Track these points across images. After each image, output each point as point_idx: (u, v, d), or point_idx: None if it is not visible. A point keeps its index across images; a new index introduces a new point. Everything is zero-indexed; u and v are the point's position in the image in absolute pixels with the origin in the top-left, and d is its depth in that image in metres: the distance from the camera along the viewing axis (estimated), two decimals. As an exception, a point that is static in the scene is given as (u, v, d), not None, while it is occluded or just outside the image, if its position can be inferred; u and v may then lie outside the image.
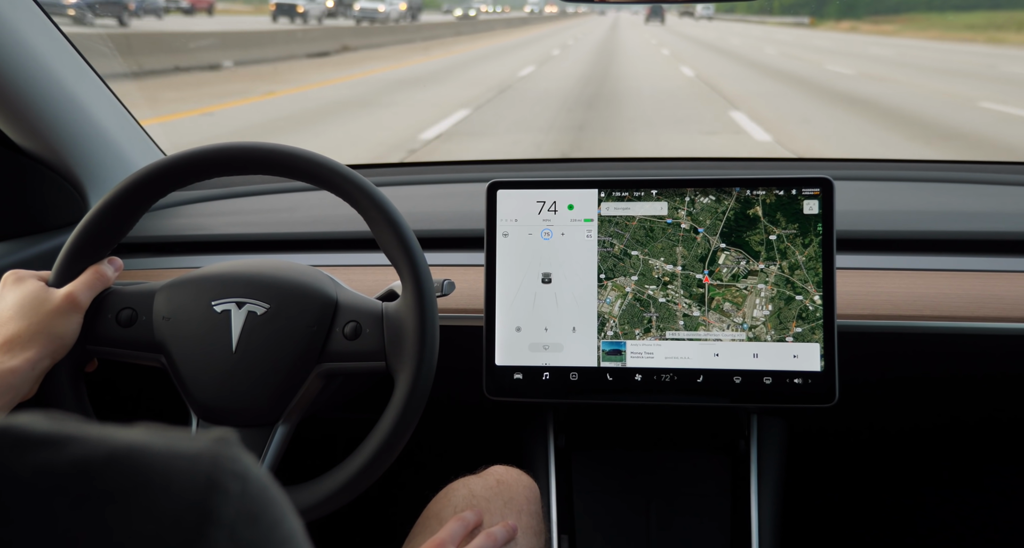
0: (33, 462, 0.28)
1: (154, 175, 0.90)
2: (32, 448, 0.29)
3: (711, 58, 18.85)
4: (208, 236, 1.31)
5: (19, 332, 0.82)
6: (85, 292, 0.88)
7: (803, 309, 1.01)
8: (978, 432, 1.42)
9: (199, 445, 0.31)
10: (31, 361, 0.82)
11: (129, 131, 1.35)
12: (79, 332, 0.88)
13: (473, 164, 1.56)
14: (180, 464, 0.30)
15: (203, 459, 0.30)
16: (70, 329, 0.86)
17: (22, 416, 0.30)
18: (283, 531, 0.31)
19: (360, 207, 0.89)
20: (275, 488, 0.33)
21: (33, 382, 0.83)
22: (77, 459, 0.29)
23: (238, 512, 0.30)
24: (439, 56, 18.33)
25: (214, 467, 0.30)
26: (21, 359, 0.81)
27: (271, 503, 0.32)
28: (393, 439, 0.86)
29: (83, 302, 0.87)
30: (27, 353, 0.82)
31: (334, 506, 0.87)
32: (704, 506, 1.23)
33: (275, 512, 0.31)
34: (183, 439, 0.31)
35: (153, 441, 0.30)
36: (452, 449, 1.37)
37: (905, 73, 14.06)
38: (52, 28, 1.20)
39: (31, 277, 0.88)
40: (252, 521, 0.30)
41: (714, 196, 1.03)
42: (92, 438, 0.30)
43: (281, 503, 0.32)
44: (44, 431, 0.29)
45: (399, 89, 11.68)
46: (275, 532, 0.31)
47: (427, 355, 0.86)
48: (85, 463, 0.29)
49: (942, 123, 8.67)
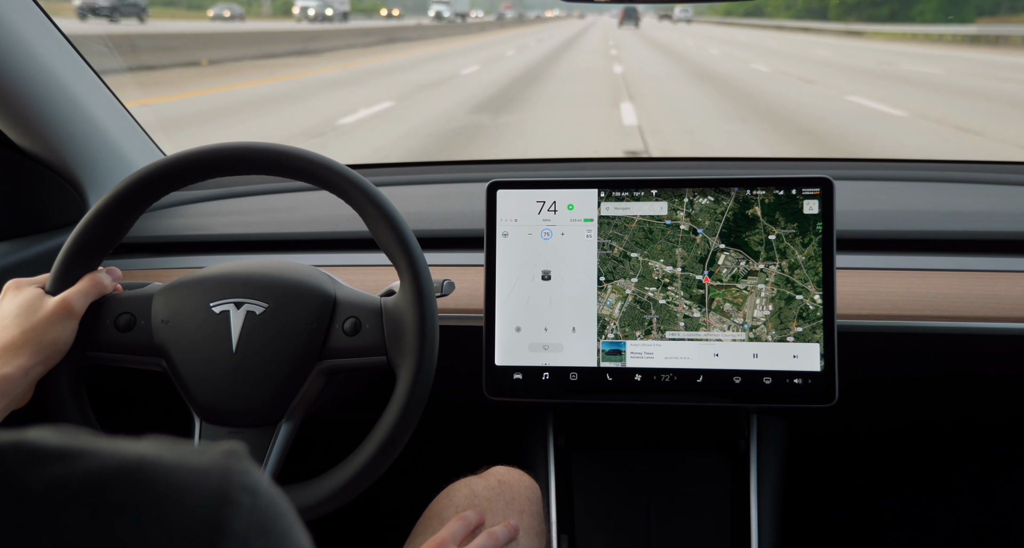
0: (47, 476, 0.28)
1: (151, 177, 0.90)
2: (45, 462, 0.29)
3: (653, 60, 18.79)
4: (208, 236, 1.31)
5: (13, 339, 0.82)
6: (80, 299, 0.88)
7: (803, 309, 1.01)
8: (978, 432, 1.42)
9: (210, 458, 0.31)
10: (24, 368, 0.82)
11: (128, 131, 1.35)
12: (74, 338, 0.87)
13: (473, 164, 1.56)
14: (192, 477, 0.30)
15: (214, 472, 0.31)
16: (64, 335, 0.86)
17: (34, 430, 0.31)
18: (292, 544, 0.32)
19: (355, 203, 0.89)
20: (284, 501, 0.33)
21: (27, 388, 0.83)
22: (90, 472, 0.29)
23: (249, 525, 0.30)
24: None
25: (225, 480, 0.31)
26: (14, 366, 0.81)
27: (281, 516, 0.32)
28: (397, 434, 0.86)
29: (77, 309, 0.87)
30: (19, 360, 0.82)
31: (339, 503, 0.87)
32: (704, 506, 1.23)
33: (284, 525, 0.32)
34: (194, 452, 0.32)
35: (164, 454, 0.31)
36: (453, 449, 1.37)
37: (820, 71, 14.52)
38: (52, 28, 1.20)
39: (29, 284, 0.88)
40: (263, 534, 0.30)
41: (712, 197, 1.03)
42: (104, 451, 0.30)
43: (290, 516, 0.33)
44: (56, 445, 0.30)
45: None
46: (285, 545, 0.31)
47: (428, 348, 0.86)
48: (98, 476, 0.29)
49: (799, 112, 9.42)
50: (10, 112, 1.16)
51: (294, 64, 15.70)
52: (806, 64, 17.10)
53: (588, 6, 8.55)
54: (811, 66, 16.41)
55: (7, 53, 1.11)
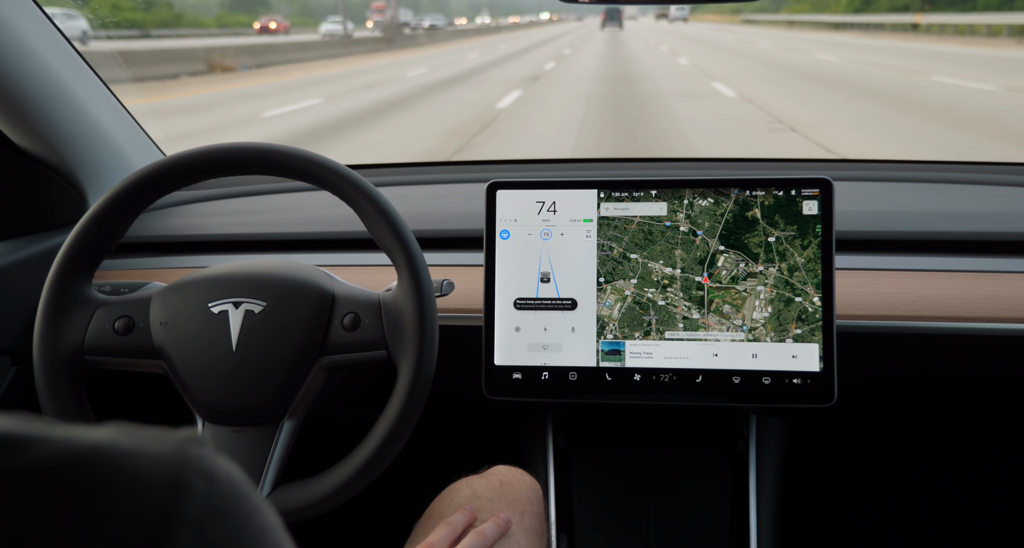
0: None
1: (150, 177, 0.90)
2: None
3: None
4: (208, 236, 1.31)
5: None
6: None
7: (802, 311, 1.01)
8: (977, 432, 1.43)
9: (165, 445, 0.31)
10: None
11: (128, 131, 1.35)
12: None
13: (472, 164, 1.56)
14: (145, 463, 0.30)
15: (168, 458, 0.30)
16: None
17: None
18: (255, 527, 0.32)
19: (352, 202, 0.89)
20: (246, 485, 0.33)
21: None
22: (39, 459, 0.29)
23: (205, 509, 0.30)
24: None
25: (180, 466, 0.30)
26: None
27: (241, 500, 0.32)
28: (399, 427, 0.86)
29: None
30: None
31: (343, 498, 0.88)
32: (703, 505, 1.23)
33: (245, 508, 0.32)
34: (150, 439, 0.31)
35: (119, 441, 0.30)
36: (455, 449, 1.37)
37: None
38: (51, 28, 1.20)
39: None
40: (220, 518, 0.30)
41: (712, 198, 1.03)
42: (55, 439, 0.30)
43: (252, 499, 0.32)
44: (7, 432, 0.29)
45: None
46: (246, 529, 0.31)
47: (428, 341, 0.86)
48: (47, 463, 0.29)
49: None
50: (10, 112, 1.16)
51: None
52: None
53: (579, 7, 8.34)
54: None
55: (7, 53, 1.11)
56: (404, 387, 0.86)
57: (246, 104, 11.30)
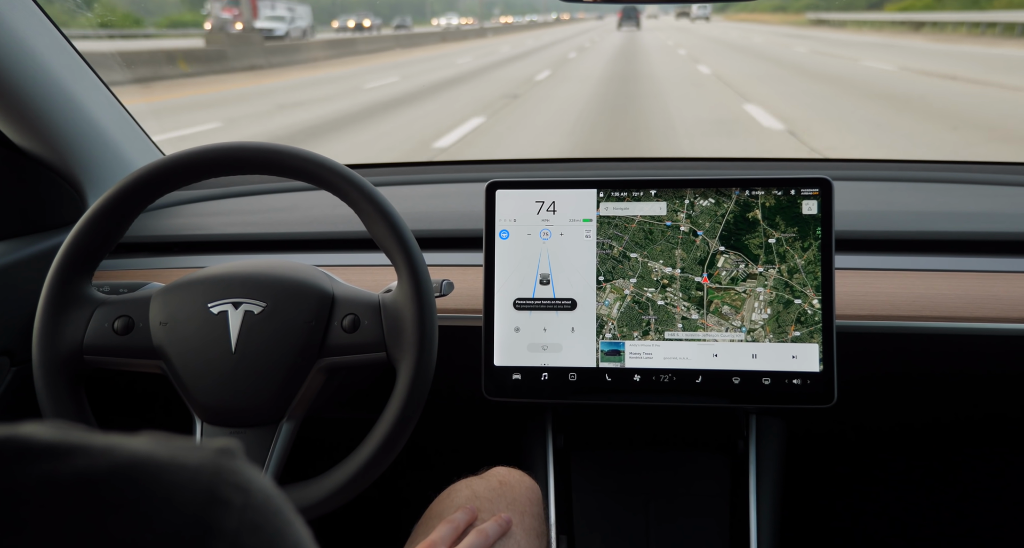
0: (37, 473, 0.28)
1: (150, 177, 0.90)
2: (36, 459, 0.29)
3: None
4: (207, 236, 1.31)
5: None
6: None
7: (802, 313, 1.01)
8: (977, 432, 1.43)
9: (201, 457, 0.31)
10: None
11: (128, 131, 1.35)
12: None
13: (472, 164, 1.56)
14: (182, 477, 0.30)
15: (205, 471, 0.31)
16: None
17: (26, 426, 0.30)
18: (288, 541, 0.32)
19: (352, 201, 0.89)
20: (280, 499, 0.33)
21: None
22: (80, 470, 0.29)
23: (240, 524, 0.30)
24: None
25: (216, 479, 0.30)
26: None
27: (275, 515, 0.32)
28: (399, 429, 0.86)
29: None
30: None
31: (343, 499, 0.88)
32: (703, 506, 1.23)
33: (279, 522, 0.32)
34: (187, 449, 0.31)
35: (157, 451, 0.31)
36: (454, 450, 1.37)
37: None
38: (51, 28, 1.20)
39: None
40: (255, 532, 0.30)
41: (713, 199, 1.03)
42: (96, 449, 0.30)
43: (286, 513, 0.32)
44: (48, 441, 0.29)
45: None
46: (279, 542, 0.31)
47: (427, 342, 0.86)
48: (88, 474, 0.29)
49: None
50: (10, 112, 1.16)
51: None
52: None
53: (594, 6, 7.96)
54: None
55: (7, 53, 1.11)
56: (404, 389, 0.86)
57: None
